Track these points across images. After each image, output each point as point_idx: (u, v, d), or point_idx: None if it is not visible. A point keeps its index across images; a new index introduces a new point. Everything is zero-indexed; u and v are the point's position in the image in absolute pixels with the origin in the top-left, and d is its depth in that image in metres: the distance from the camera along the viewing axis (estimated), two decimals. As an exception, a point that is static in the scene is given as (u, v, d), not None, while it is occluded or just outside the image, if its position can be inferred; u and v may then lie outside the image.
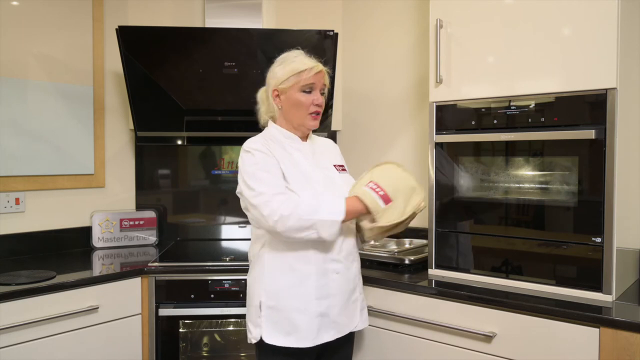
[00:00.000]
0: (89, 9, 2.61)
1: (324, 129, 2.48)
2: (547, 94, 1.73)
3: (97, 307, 2.02)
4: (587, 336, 1.51)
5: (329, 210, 1.55)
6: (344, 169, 1.80)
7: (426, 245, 2.29)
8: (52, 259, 2.37)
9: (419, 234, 2.46)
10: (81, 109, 2.59)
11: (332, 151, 1.83)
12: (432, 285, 1.87)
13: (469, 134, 1.89)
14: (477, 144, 1.90)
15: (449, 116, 1.95)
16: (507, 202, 1.85)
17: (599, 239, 1.64)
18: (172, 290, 2.19)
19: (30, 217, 2.44)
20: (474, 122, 1.89)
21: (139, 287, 2.16)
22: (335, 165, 1.77)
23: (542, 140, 1.75)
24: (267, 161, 1.61)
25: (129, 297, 2.14)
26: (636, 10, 1.80)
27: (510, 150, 1.83)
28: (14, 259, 2.34)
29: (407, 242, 2.42)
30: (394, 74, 2.65)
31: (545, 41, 1.72)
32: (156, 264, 2.21)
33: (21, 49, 2.38)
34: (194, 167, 2.87)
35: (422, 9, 2.52)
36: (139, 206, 2.82)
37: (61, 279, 1.98)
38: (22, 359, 1.82)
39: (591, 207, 1.65)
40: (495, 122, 1.84)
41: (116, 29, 2.28)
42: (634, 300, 1.65)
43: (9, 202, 2.35)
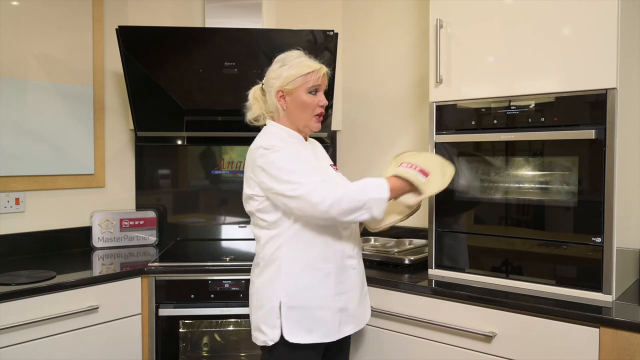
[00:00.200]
0: (89, 9, 2.61)
1: (324, 129, 2.48)
2: (547, 94, 1.73)
3: (97, 307, 2.02)
4: (587, 336, 1.51)
5: (375, 189, 1.58)
6: (336, 168, 1.85)
7: (426, 245, 2.29)
8: (52, 259, 2.37)
9: (419, 234, 2.46)
10: (81, 109, 2.59)
11: (323, 151, 1.87)
12: (432, 285, 1.87)
13: (469, 134, 1.89)
14: (477, 144, 1.90)
15: (449, 116, 1.95)
16: (507, 202, 1.85)
17: (599, 239, 1.64)
18: (172, 290, 2.19)
19: (30, 217, 2.44)
20: (474, 122, 1.89)
21: (139, 287, 2.17)
22: (330, 165, 1.82)
23: (542, 140, 1.75)
24: (295, 153, 1.61)
25: (129, 297, 2.14)
26: (636, 10, 1.80)
27: (510, 150, 1.83)
28: (14, 259, 2.34)
29: (407, 242, 2.42)
30: (394, 74, 2.65)
31: (545, 41, 1.72)
32: (156, 264, 2.21)
33: (21, 49, 2.38)
34: (194, 167, 2.87)
35: (422, 9, 2.52)
36: (139, 206, 2.82)
37: (61, 279, 1.98)
38: (22, 359, 1.82)
39: (591, 207, 1.65)
40: (495, 122, 1.84)
41: (116, 29, 2.28)
42: (634, 300, 1.65)
43: (9, 202, 2.35)
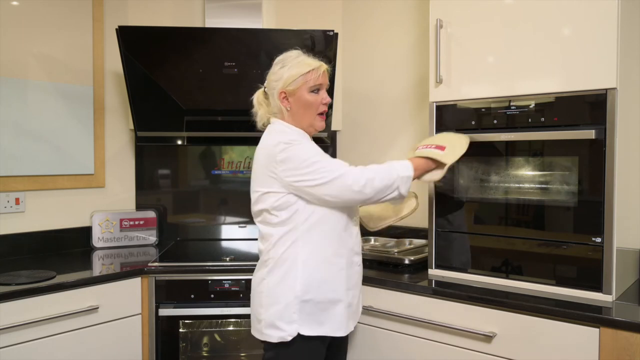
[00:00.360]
0: (89, 9, 2.61)
1: (324, 129, 2.48)
2: (547, 94, 1.73)
3: (97, 307, 2.02)
4: (587, 336, 1.51)
5: (401, 168, 1.66)
6: None
7: (426, 245, 2.29)
8: (52, 259, 2.37)
9: (419, 234, 2.46)
10: (81, 109, 2.59)
11: None
12: (432, 285, 1.87)
13: (469, 134, 1.88)
14: (477, 144, 1.90)
15: (449, 116, 1.95)
16: (507, 202, 1.84)
17: (599, 239, 1.63)
18: (172, 290, 2.19)
19: (30, 217, 2.44)
20: (474, 122, 1.89)
21: (139, 287, 2.17)
22: None
23: (542, 140, 1.75)
24: (314, 147, 1.64)
25: (129, 297, 2.14)
26: (636, 10, 1.79)
27: (510, 150, 1.83)
28: (14, 259, 2.34)
29: (407, 242, 2.42)
30: (394, 74, 2.65)
31: (545, 41, 1.72)
32: (156, 264, 2.21)
33: (21, 49, 2.38)
34: (194, 167, 2.87)
35: (422, 9, 2.52)
36: (139, 206, 2.82)
37: (61, 279, 1.98)
38: (22, 359, 1.82)
39: (591, 207, 1.65)
40: (495, 122, 1.84)
41: (116, 29, 2.28)
42: (634, 300, 1.65)
43: (9, 202, 2.35)
